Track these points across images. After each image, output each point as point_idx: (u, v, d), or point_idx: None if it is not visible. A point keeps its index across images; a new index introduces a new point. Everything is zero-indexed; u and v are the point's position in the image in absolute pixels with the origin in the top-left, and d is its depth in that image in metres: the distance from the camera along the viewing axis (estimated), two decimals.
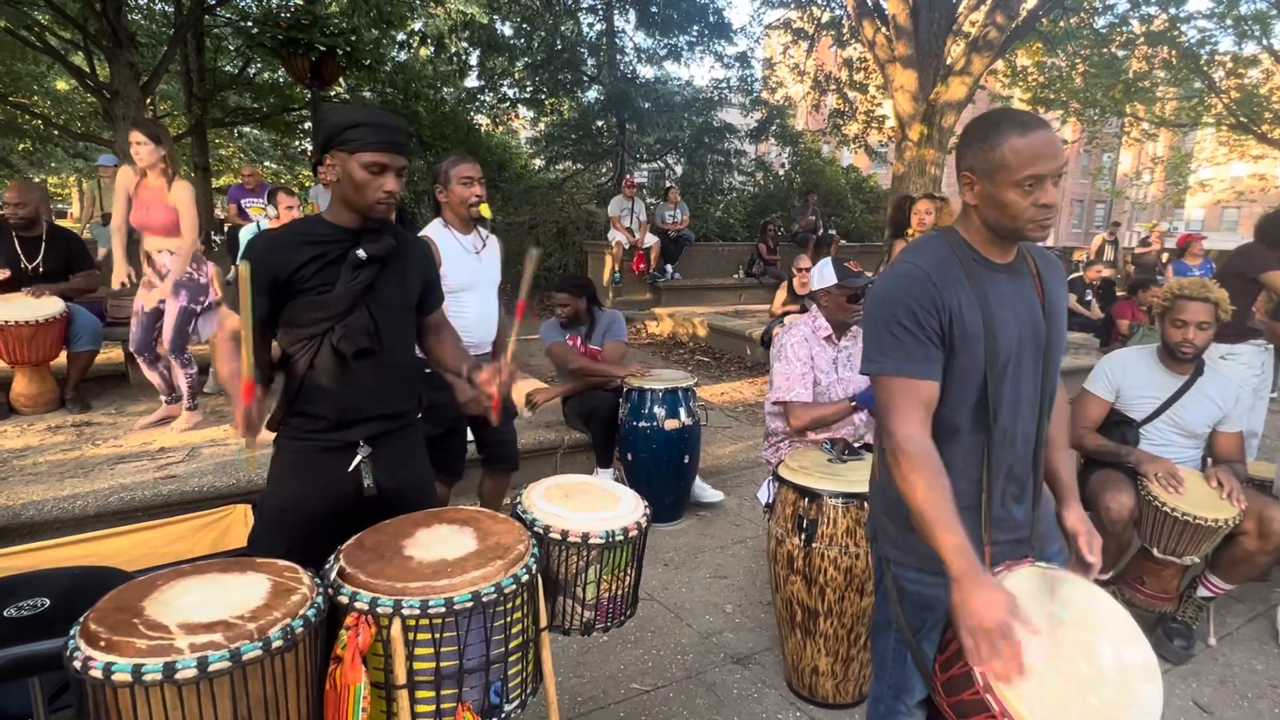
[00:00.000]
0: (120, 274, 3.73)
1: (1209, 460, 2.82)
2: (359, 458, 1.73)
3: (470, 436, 3.02)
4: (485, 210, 2.79)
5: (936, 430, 1.40)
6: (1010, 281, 1.39)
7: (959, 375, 1.36)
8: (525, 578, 1.44)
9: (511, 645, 1.44)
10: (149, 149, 3.45)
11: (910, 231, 5.09)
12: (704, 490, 3.94)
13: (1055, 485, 1.55)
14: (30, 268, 4.02)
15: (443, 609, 1.32)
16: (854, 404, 2.67)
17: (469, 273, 2.78)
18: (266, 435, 1.69)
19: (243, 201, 7.84)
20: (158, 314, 3.66)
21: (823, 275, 2.78)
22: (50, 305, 3.85)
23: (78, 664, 1.11)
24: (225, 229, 8.07)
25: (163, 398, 3.91)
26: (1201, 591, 2.72)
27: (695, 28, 15.37)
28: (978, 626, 1.19)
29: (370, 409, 1.74)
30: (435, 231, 2.76)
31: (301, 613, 1.24)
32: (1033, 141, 1.26)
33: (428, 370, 2.03)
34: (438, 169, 2.80)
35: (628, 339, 4.10)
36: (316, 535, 1.66)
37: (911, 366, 1.33)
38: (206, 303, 3.68)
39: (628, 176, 11.11)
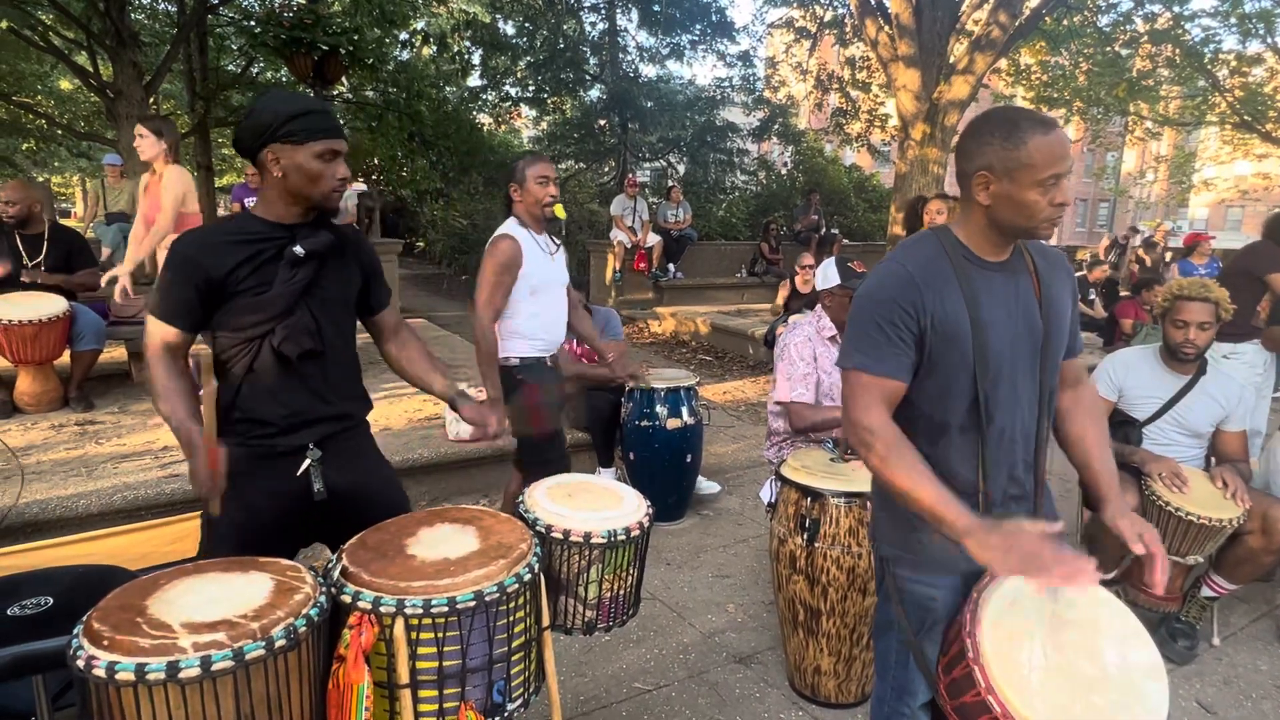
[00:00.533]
0: (121, 278, 3.74)
1: (1212, 460, 2.81)
2: (308, 462, 1.66)
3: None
4: (560, 211, 2.69)
5: (927, 430, 1.40)
6: (1005, 280, 1.38)
7: (947, 374, 1.35)
8: (528, 577, 1.44)
9: (514, 644, 1.44)
10: (149, 142, 3.48)
11: None
12: (701, 483, 3.96)
13: (1096, 487, 1.48)
14: (31, 265, 4.03)
15: (445, 608, 1.32)
16: None
17: (546, 274, 2.74)
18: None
19: (246, 200, 7.85)
20: None
21: (826, 276, 2.78)
22: (53, 304, 3.85)
23: (81, 663, 1.11)
24: None
25: None
26: (1205, 591, 2.72)
27: (698, 26, 15.37)
28: (1020, 558, 1.16)
29: (317, 411, 1.67)
30: (515, 230, 2.68)
31: (304, 612, 1.24)
32: (1055, 140, 1.27)
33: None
34: (513, 168, 2.72)
35: (628, 338, 4.09)
36: (269, 541, 1.60)
37: (878, 365, 1.36)
38: None
39: (630, 175, 11.12)
